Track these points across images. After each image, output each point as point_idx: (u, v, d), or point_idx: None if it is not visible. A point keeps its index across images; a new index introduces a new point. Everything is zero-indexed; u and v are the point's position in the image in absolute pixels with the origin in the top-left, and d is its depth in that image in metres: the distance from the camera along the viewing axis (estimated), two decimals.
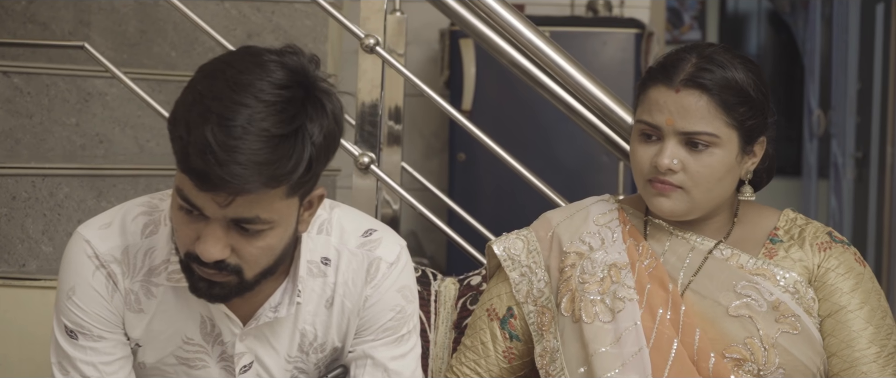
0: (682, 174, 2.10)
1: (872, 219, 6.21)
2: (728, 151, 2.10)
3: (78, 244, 1.96)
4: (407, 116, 3.60)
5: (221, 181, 1.74)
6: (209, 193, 1.77)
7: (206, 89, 1.77)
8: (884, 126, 5.94)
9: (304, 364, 2.04)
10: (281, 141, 1.75)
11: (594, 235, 2.22)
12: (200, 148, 1.73)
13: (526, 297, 2.23)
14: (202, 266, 1.84)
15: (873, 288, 2.16)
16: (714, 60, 2.10)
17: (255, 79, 1.77)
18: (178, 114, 1.78)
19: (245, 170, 1.73)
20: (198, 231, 1.82)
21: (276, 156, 1.75)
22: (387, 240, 2.04)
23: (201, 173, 1.74)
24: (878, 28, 6.10)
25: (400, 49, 3.26)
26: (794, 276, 2.13)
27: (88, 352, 1.97)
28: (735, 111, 2.08)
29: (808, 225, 2.20)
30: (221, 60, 1.82)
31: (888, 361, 2.11)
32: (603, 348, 2.11)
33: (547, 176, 2.86)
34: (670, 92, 2.08)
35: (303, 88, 1.79)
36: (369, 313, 2.02)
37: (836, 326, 2.12)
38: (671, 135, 2.09)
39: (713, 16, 8.73)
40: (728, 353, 2.09)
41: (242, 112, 1.74)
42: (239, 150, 1.73)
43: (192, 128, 1.74)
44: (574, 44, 4.55)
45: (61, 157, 3.19)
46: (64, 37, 3.51)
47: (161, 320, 1.98)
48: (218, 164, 1.72)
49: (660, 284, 2.13)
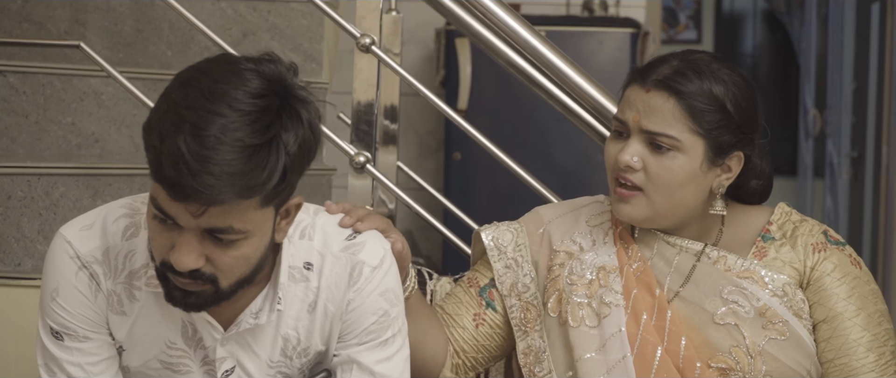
0: (642, 174, 2.08)
1: (868, 218, 6.22)
2: (691, 159, 2.07)
3: (60, 245, 1.96)
4: (403, 116, 3.59)
5: (194, 191, 1.72)
6: (182, 203, 1.75)
7: (180, 98, 1.76)
8: (879, 125, 5.94)
9: (288, 369, 2.03)
10: (255, 151, 1.74)
11: (585, 236, 2.21)
12: (173, 158, 1.72)
13: (509, 290, 2.22)
14: (177, 275, 1.83)
15: (870, 290, 2.14)
16: (695, 67, 2.07)
17: (230, 88, 1.75)
18: (151, 122, 1.77)
19: (217, 180, 1.72)
20: (172, 240, 1.81)
21: (249, 166, 1.74)
22: (370, 244, 2.02)
23: (174, 183, 1.73)
24: (874, 28, 6.11)
25: (396, 48, 3.26)
26: (783, 279, 2.10)
27: (74, 352, 1.96)
28: (703, 120, 2.05)
29: (802, 222, 2.17)
30: (197, 68, 1.81)
31: (886, 369, 2.10)
32: (588, 354, 2.10)
33: (543, 175, 2.87)
34: (641, 91, 2.08)
35: (278, 97, 1.78)
36: (352, 317, 2.00)
37: (833, 334, 2.10)
38: (636, 132, 2.08)
39: (709, 15, 8.74)
40: (713, 363, 2.08)
41: (216, 121, 1.73)
42: (212, 160, 1.71)
43: (165, 137, 1.73)
44: (570, 43, 4.55)
45: (57, 156, 3.19)
46: (60, 36, 3.50)
47: (143, 324, 1.97)
48: (190, 174, 1.71)
49: (646, 289, 2.12)
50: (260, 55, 1.83)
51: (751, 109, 2.10)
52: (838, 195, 7.06)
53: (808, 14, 8.08)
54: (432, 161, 5.09)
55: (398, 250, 2.07)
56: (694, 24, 8.63)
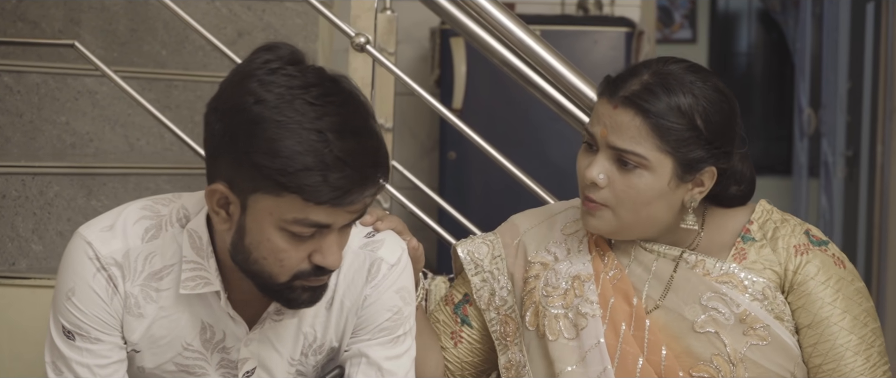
0: (607, 191, 2.05)
1: (862, 217, 6.22)
2: (658, 177, 2.03)
3: (79, 246, 1.95)
4: (397, 115, 3.59)
5: (360, 188, 1.79)
6: (346, 207, 1.80)
7: (292, 115, 1.76)
8: (874, 125, 5.94)
9: (304, 366, 2.04)
10: (371, 130, 1.82)
11: (560, 245, 2.19)
12: (333, 169, 1.76)
13: (487, 303, 2.20)
14: (320, 276, 1.87)
15: (855, 290, 2.10)
16: (665, 82, 2.02)
17: (310, 86, 1.79)
18: (288, 155, 1.75)
19: (373, 169, 1.80)
20: (311, 247, 1.84)
21: (377, 144, 1.82)
22: (389, 242, 2.05)
23: (342, 191, 1.77)
24: (869, 27, 6.11)
25: (390, 47, 3.26)
26: (763, 282, 2.07)
27: (84, 353, 1.96)
28: (670, 138, 2.01)
29: (783, 223, 2.12)
30: (245, 90, 1.79)
31: (874, 370, 2.08)
32: (569, 367, 2.08)
33: (538, 175, 2.86)
34: (609, 106, 2.04)
35: (330, 79, 1.82)
36: (367, 313, 2.03)
37: (819, 339, 2.07)
38: (604, 148, 2.05)
39: (704, 14, 8.74)
40: (694, 372, 2.05)
41: (332, 121, 1.77)
42: (360, 152, 1.78)
43: (306, 155, 1.75)
44: (565, 42, 4.56)
45: (51, 155, 3.18)
46: (54, 35, 3.50)
47: (161, 326, 1.97)
48: (357, 173, 1.77)
49: (624, 298, 2.10)
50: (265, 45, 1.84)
51: (723, 123, 2.04)
52: (833, 194, 7.07)
53: (802, 13, 8.08)
54: (427, 160, 5.09)
55: (414, 247, 2.10)
56: (689, 24, 8.63)
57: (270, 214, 1.80)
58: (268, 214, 1.80)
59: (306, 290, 1.88)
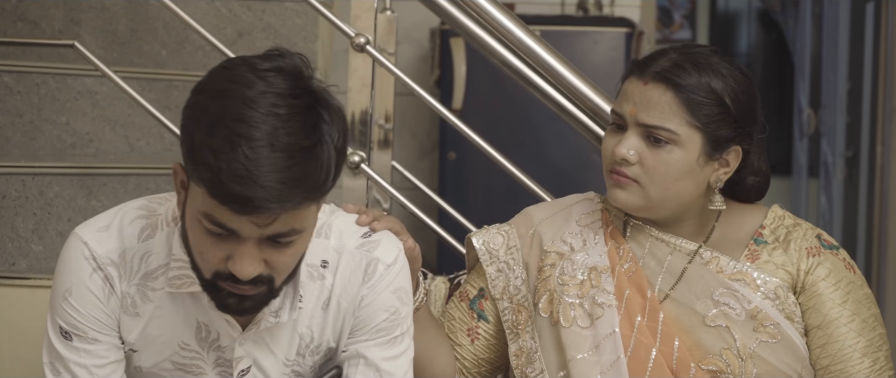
0: (638, 167, 2.07)
1: (862, 218, 6.22)
2: (688, 152, 2.06)
3: (76, 246, 1.95)
4: (397, 115, 3.59)
5: (265, 203, 1.73)
6: (249, 217, 1.76)
7: (219, 111, 1.75)
8: (873, 125, 5.94)
9: (301, 367, 2.04)
10: (310, 152, 1.75)
11: (576, 236, 2.20)
12: (236, 174, 1.71)
13: (502, 293, 2.22)
14: (235, 283, 1.83)
15: (864, 294, 2.13)
16: (694, 61, 2.07)
17: (266, 93, 1.75)
18: (196, 141, 1.75)
19: (288, 188, 1.73)
20: (227, 250, 1.81)
21: (310, 168, 1.75)
22: (385, 242, 2.04)
23: (241, 198, 1.72)
24: (869, 27, 6.11)
25: (390, 48, 3.25)
26: (776, 282, 2.10)
27: (82, 353, 1.96)
28: (700, 113, 2.05)
29: (796, 226, 2.16)
30: (223, 78, 1.79)
31: (881, 374, 2.10)
32: (581, 355, 2.10)
33: (538, 175, 2.86)
34: (639, 83, 2.08)
35: (309, 93, 1.79)
36: (364, 313, 2.02)
37: (828, 340, 2.10)
38: (633, 125, 2.08)
39: (704, 15, 8.74)
40: (704, 365, 2.07)
41: (267, 131, 1.73)
42: (277, 169, 1.72)
43: (220, 153, 1.72)
44: (564, 43, 4.55)
45: (51, 155, 3.18)
46: (54, 35, 3.50)
47: (157, 325, 1.97)
48: (260, 187, 1.71)
49: (638, 290, 2.12)
50: (268, 51, 1.83)
51: (749, 104, 2.10)
52: (833, 195, 7.07)
53: (802, 13, 8.08)
54: (427, 161, 5.09)
55: (410, 247, 2.10)
56: (689, 24, 8.63)
57: (193, 203, 1.80)
58: (192, 202, 1.81)
59: (232, 296, 1.85)
